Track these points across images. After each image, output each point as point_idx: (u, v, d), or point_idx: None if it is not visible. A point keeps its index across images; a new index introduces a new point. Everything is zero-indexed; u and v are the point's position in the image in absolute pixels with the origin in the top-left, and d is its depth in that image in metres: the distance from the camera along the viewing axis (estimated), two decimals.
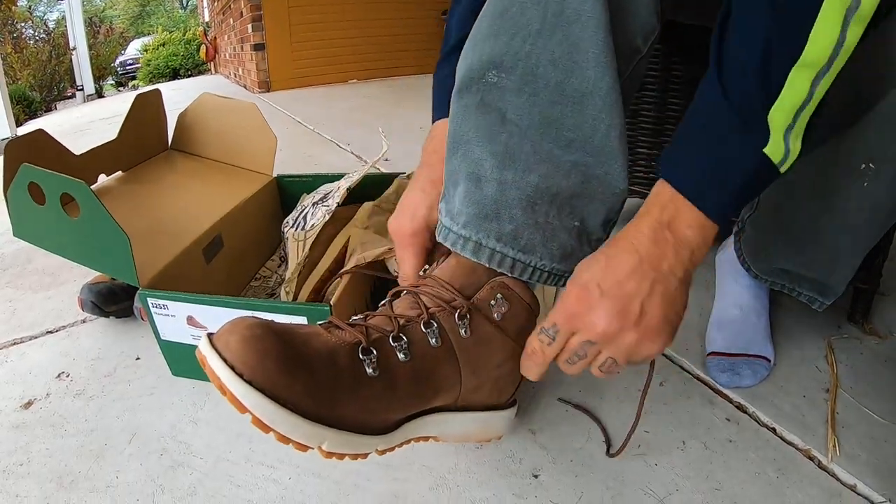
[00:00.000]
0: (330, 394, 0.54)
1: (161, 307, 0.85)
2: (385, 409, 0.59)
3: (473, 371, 0.65)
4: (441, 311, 0.64)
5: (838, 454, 0.77)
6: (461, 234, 0.65)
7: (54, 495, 0.74)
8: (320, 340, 0.57)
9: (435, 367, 0.62)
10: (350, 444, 0.56)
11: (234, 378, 0.50)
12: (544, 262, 0.66)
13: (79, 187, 0.79)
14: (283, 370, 0.52)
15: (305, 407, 0.53)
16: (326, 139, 2.69)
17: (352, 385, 0.56)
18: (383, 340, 0.60)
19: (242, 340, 0.51)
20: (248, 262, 1.19)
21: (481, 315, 0.65)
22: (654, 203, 0.59)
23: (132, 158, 1.21)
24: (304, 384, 0.53)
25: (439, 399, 0.64)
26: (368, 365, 0.57)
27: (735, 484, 0.74)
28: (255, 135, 1.26)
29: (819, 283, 0.88)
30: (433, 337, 0.62)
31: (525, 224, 0.64)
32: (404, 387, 0.59)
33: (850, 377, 0.92)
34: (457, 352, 0.63)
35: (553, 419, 0.85)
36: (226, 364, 0.50)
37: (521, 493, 0.73)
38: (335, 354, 0.56)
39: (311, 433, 0.53)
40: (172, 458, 0.80)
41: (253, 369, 0.50)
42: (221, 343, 0.52)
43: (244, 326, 0.52)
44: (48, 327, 1.13)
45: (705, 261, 1.22)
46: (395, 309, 0.64)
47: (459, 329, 0.63)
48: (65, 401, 0.92)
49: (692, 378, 0.93)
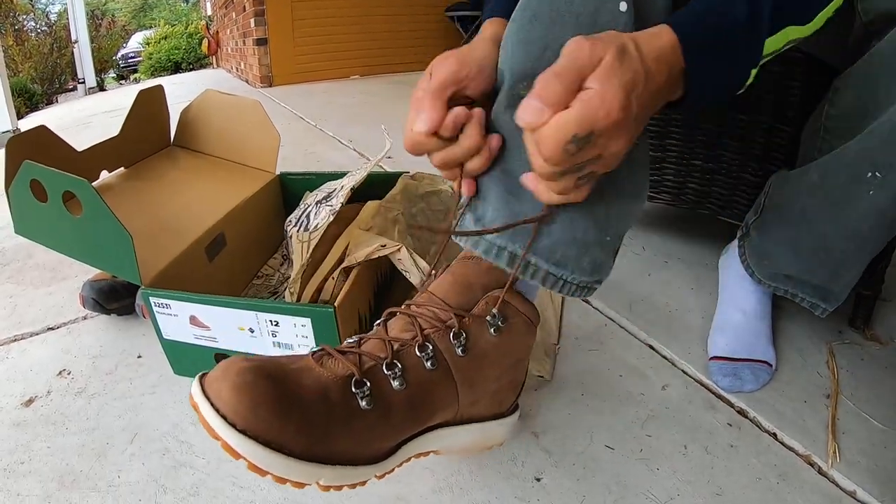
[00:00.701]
0: (323, 430, 0.54)
1: (164, 306, 0.85)
2: (379, 438, 0.58)
3: (471, 387, 0.65)
4: (436, 331, 0.63)
5: (838, 460, 0.78)
6: (496, 243, 0.65)
7: (55, 494, 0.74)
8: (312, 377, 0.56)
9: (431, 391, 0.61)
10: (347, 477, 0.56)
11: (226, 428, 0.50)
12: (574, 276, 0.66)
13: (81, 185, 0.79)
14: (276, 415, 0.51)
15: (299, 448, 0.52)
16: (328, 135, 2.68)
17: (345, 419, 0.56)
18: (376, 370, 0.59)
19: (234, 389, 0.51)
20: (250, 261, 1.18)
21: (477, 332, 0.65)
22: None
23: (134, 155, 1.21)
24: (297, 425, 0.52)
25: (436, 419, 0.64)
26: (361, 398, 0.56)
27: (736, 489, 0.74)
28: (258, 132, 1.26)
29: (822, 290, 0.88)
30: (428, 360, 0.61)
31: (562, 240, 0.64)
32: (399, 414, 0.59)
33: (851, 383, 0.92)
34: (453, 372, 0.63)
35: (556, 422, 0.84)
36: (218, 414, 0.50)
37: (524, 496, 0.73)
38: (327, 391, 0.56)
39: (307, 472, 0.53)
40: (174, 458, 0.80)
41: (246, 419, 0.50)
42: (213, 391, 0.51)
43: (235, 373, 0.52)
44: (49, 324, 1.13)
45: (708, 264, 1.25)
46: (389, 331, 0.64)
47: (455, 348, 0.63)
48: (66, 399, 0.91)
49: (694, 382, 0.93)
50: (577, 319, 1.10)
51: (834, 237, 0.81)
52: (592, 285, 0.69)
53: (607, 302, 1.15)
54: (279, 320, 0.80)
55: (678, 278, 1.24)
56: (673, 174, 1.26)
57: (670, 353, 0.99)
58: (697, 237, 1.42)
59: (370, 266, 0.91)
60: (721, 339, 0.98)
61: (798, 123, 1.02)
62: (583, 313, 1.12)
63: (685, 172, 1.24)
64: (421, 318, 0.64)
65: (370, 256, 0.85)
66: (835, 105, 0.81)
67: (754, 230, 0.96)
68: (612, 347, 1.02)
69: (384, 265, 1.02)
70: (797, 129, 1.01)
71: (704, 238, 1.40)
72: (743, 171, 1.15)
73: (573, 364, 0.97)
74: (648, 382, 0.93)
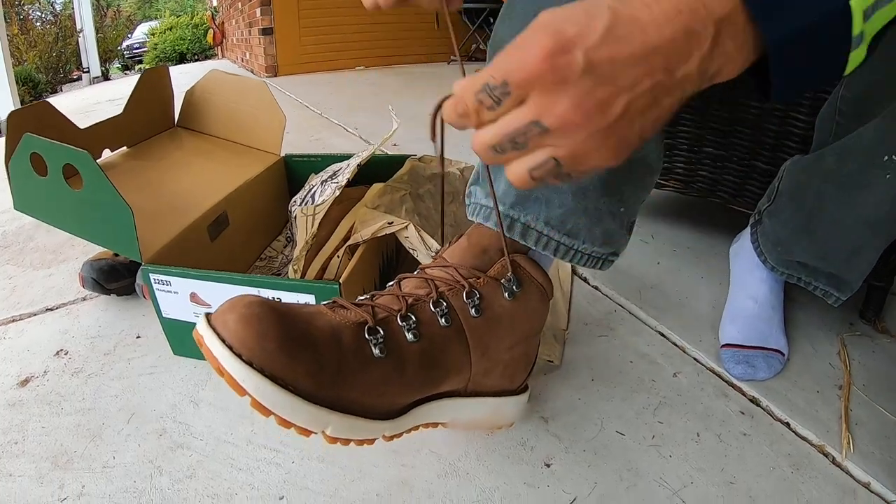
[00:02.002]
0: (334, 375, 0.52)
1: (163, 283, 0.83)
2: (393, 392, 0.56)
3: (483, 353, 0.63)
4: (450, 290, 0.62)
5: (852, 451, 0.76)
6: (508, 214, 0.64)
7: (49, 475, 0.72)
8: (324, 320, 0.55)
9: (444, 349, 0.60)
10: (355, 429, 0.54)
11: (232, 359, 0.48)
12: (586, 246, 0.66)
13: (82, 157, 0.77)
14: (284, 350, 0.49)
15: (307, 389, 0.50)
16: (334, 123, 2.67)
17: (357, 366, 0.54)
18: (390, 320, 0.57)
19: (241, 319, 0.49)
20: (253, 242, 1.16)
21: (491, 294, 0.63)
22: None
23: (137, 134, 1.19)
24: (306, 365, 0.50)
25: (449, 383, 0.62)
26: (375, 345, 0.55)
27: (750, 478, 0.72)
28: (263, 113, 1.24)
29: (836, 278, 0.88)
30: (442, 316, 0.60)
31: (574, 210, 0.64)
32: (413, 369, 0.57)
33: (862, 375, 0.91)
34: (466, 333, 0.61)
35: (565, 407, 0.83)
36: (224, 344, 0.48)
37: (533, 482, 0.71)
38: (339, 334, 0.54)
39: (314, 417, 0.51)
40: (171, 439, 0.78)
41: (252, 350, 0.48)
42: (219, 322, 0.49)
43: (243, 305, 0.50)
44: (48, 304, 1.11)
45: (717, 253, 1.23)
46: (402, 288, 0.62)
47: (469, 308, 0.61)
48: (62, 379, 0.89)
49: (705, 370, 0.92)
50: (585, 305, 1.08)
51: (849, 223, 0.79)
52: (608, 257, 0.68)
53: (616, 288, 1.13)
54: (282, 297, 0.78)
55: (687, 267, 1.22)
56: (684, 161, 1.25)
57: (681, 341, 0.98)
58: (705, 227, 1.40)
59: (376, 245, 0.89)
60: (733, 326, 0.96)
61: (811, 111, 1.01)
62: (592, 299, 1.10)
63: (696, 160, 1.23)
64: (436, 279, 0.63)
65: (377, 234, 0.83)
66: (850, 88, 0.79)
67: (767, 217, 0.95)
68: (622, 334, 1.00)
69: (390, 245, 1.00)
70: (810, 116, 1.01)
71: (713, 228, 1.39)
72: (755, 158, 1.14)
73: (583, 349, 0.95)
74: (659, 369, 0.91)
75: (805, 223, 0.86)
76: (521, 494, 0.69)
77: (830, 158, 0.80)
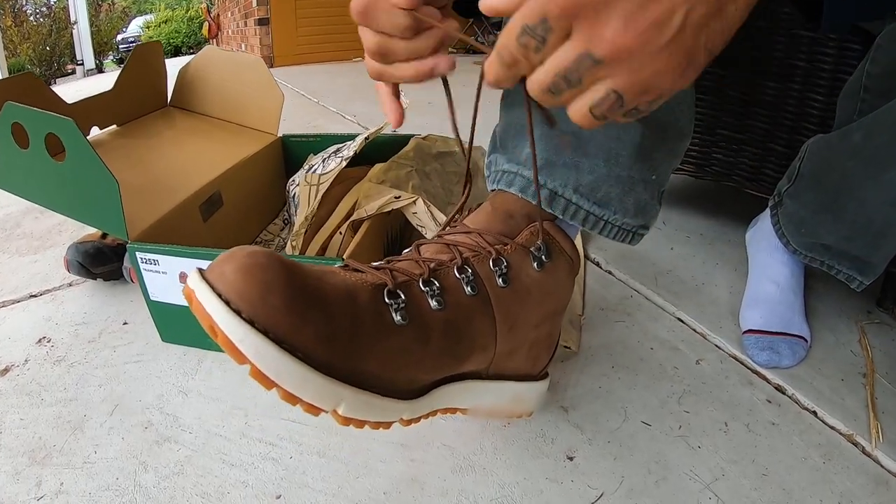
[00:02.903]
0: (348, 342, 0.44)
1: (151, 262, 0.77)
2: (414, 366, 0.49)
3: (510, 329, 0.57)
4: (475, 256, 0.55)
5: (881, 440, 0.72)
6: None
7: (25, 471, 0.67)
8: (338, 278, 0.47)
9: (470, 320, 0.53)
10: (372, 409, 0.46)
11: (229, 315, 0.39)
12: (617, 216, 0.61)
13: (65, 125, 0.71)
14: (292, 308, 0.41)
15: (318, 356, 0.42)
16: (331, 111, 2.63)
17: (375, 333, 0.46)
18: (411, 284, 0.50)
19: (241, 269, 0.40)
20: (249, 224, 1.11)
21: (519, 263, 0.57)
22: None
23: (128, 112, 1.14)
24: (317, 328, 0.42)
25: (473, 360, 0.55)
26: (396, 310, 0.47)
27: (782, 469, 0.68)
28: (260, 91, 1.19)
29: (860, 261, 0.83)
30: (468, 284, 0.53)
31: (606, 177, 0.58)
32: (437, 340, 0.50)
33: (885, 362, 0.87)
34: (493, 304, 0.55)
35: (586, 395, 0.78)
36: (220, 299, 0.40)
37: (555, 476, 0.66)
38: (355, 294, 0.46)
39: (326, 391, 0.43)
40: (158, 432, 0.72)
41: (254, 305, 0.40)
42: (215, 274, 0.41)
43: (244, 254, 0.42)
44: (32, 291, 1.06)
45: (731, 240, 1.18)
46: (422, 254, 0.56)
47: (496, 277, 0.55)
48: (44, 368, 0.84)
49: (728, 357, 0.87)
50: (600, 290, 1.03)
51: (876, 203, 0.75)
52: (638, 230, 0.63)
53: (630, 273, 1.08)
54: None
55: (702, 253, 1.18)
56: (698, 144, 1.20)
57: (701, 327, 0.93)
58: (718, 213, 1.36)
59: (380, 222, 0.84)
60: (755, 312, 0.92)
61: (829, 91, 0.98)
62: (605, 283, 1.05)
63: (711, 142, 1.18)
64: (459, 244, 0.56)
65: (383, 209, 0.77)
66: (877, 62, 0.75)
67: (788, 198, 0.91)
68: (641, 319, 0.95)
69: (396, 223, 0.95)
70: (828, 97, 0.98)
71: (725, 214, 1.35)
72: (772, 140, 1.09)
73: (600, 336, 0.90)
74: (681, 356, 0.86)
75: (829, 203, 0.82)
76: (544, 490, 0.64)
77: (857, 135, 0.76)
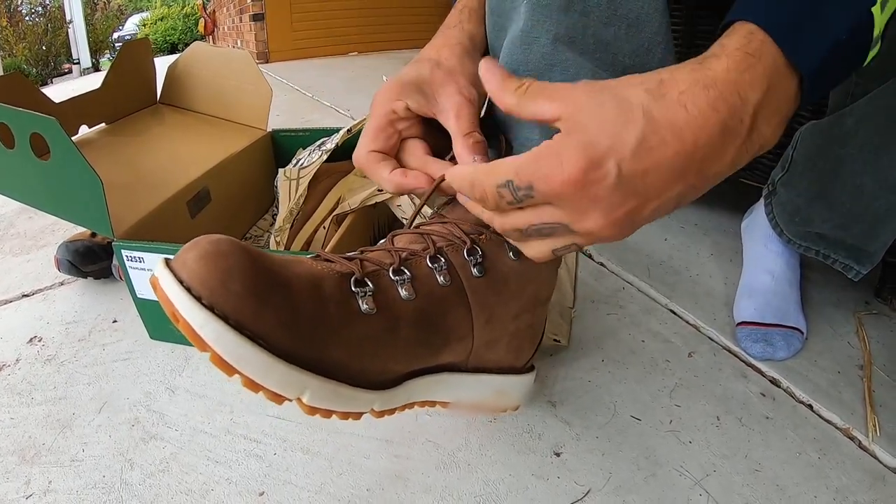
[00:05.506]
0: (313, 330, 0.44)
1: (136, 260, 0.76)
2: (385, 355, 0.48)
3: (487, 320, 0.56)
4: (449, 245, 0.55)
5: (878, 434, 0.72)
6: None
7: (15, 470, 0.67)
8: (303, 267, 0.47)
9: (444, 310, 0.52)
10: (339, 398, 0.46)
11: (189, 302, 0.39)
12: None
13: (49, 124, 0.70)
14: (253, 295, 0.41)
15: (280, 343, 0.42)
16: (326, 105, 2.62)
17: (341, 320, 0.45)
18: (381, 273, 0.50)
19: (203, 257, 0.40)
20: (238, 220, 1.10)
21: (495, 252, 0.56)
22: (721, 54, 0.39)
23: (117, 110, 1.13)
24: (279, 315, 0.42)
25: (449, 352, 0.54)
26: (362, 298, 0.47)
27: (776, 464, 0.67)
28: (248, 86, 1.17)
29: (857, 250, 0.83)
30: (441, 274, 0.52)
31: None
32: (407, 329, 0.49)
33: (882, 355, 0.86)
34: (468, 295, 0.54)
35: (574, 389, 0.77)
36: (181, 285, 0.40)
37: (542, 473, 0.65)
38: (321, 282, 0.46)
39: (289, 379, 0.42)
40: (144, 430, 0.72)
41: (213, 291, 0.39)
42: (178, 263, 0.41)
43: (208, 241, 0.41)
44: (24, 290, 1.05)
45: (726, 230, 1.17)
46: (395, 244, 0.55)
47: (470, 266, 0.54)
48: (34, 367, 0.84)
49: (722, 349, 0.86)
50: (592, 282, 1.02)
51: (872, 189, 0.74)
52: None
53: (623, 265, 1.08)
54: None
55: (696, 244, 1.17)
56: None
57: (694, 319, 0.92)
58: (712, 203, 1.35)
59: (366, 215, 0.83)
60: (749, 303, 0.91)
61: None
62: (598, 275, 1.05)
63: None
64: (433, 233, 0.56)
65: (367, 202, 0.76)
66: None
67: (782, 186, 0.90)
68: (633, 312, 0.94)
69: (382, 217, 0.94)
70: None
71: (719, 204, 1.33)
72: None
73: (591, 328, 0.90)
74: (673, 349, 0.86)
75: (824, 191, 0.81)
76: (529, 487, 0.64)
77: (850, 120, 0.75)
